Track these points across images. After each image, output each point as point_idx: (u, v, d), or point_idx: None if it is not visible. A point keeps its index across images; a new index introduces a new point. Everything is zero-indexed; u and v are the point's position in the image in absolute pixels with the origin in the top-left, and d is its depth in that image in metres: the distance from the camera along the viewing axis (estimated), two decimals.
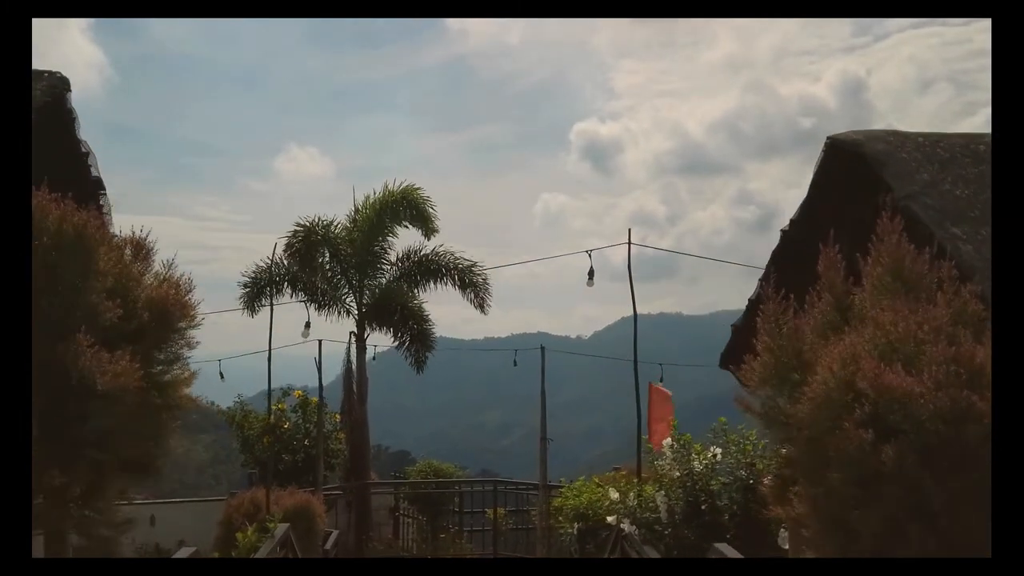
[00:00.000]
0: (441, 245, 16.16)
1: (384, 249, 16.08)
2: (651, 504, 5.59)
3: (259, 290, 15.51)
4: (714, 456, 5.52)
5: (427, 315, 15.77)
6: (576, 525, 8.87)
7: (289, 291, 15.90)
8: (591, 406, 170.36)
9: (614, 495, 6.04)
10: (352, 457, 14.98)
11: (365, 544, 13.30)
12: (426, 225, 15.80)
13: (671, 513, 5.38)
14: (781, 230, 4.78)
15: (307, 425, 14.55)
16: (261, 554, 5.43)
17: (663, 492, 5.38)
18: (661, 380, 12.82)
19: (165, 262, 4.83)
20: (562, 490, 9.80)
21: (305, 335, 9.77)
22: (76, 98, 7.22)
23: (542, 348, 12.79)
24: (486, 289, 16.07)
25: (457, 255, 16.15)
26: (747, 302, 5.03)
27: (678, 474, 5.50)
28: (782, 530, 4.66)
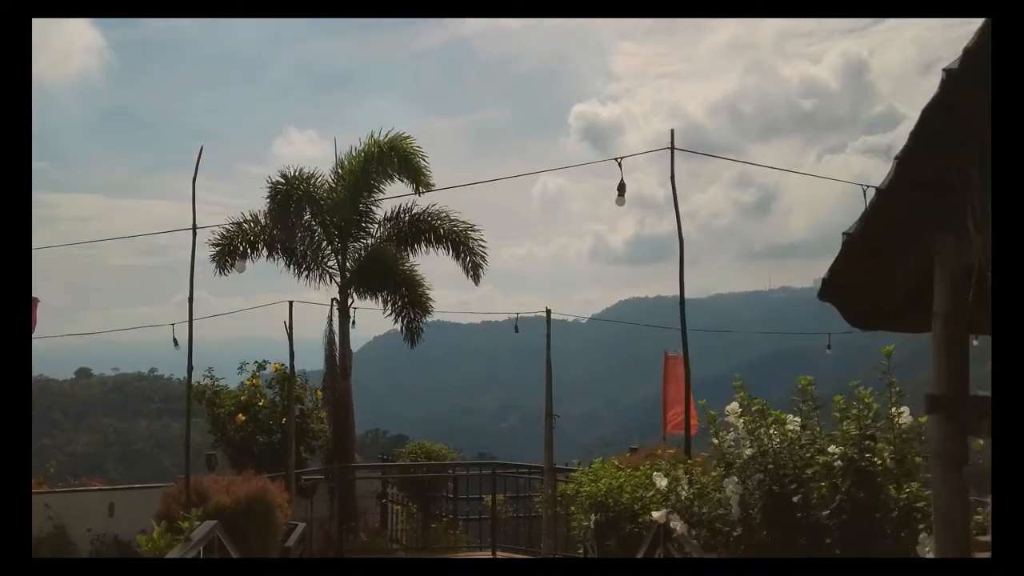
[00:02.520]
0: (434, 204, 14.55)
1: (370, 208, 14.44)
2: (714, 495, 4.03)
3: (231, 249, 13.89)
4: (793, 430, 3.95)
5: (420, 279, 14.12)
6: (593, 517, 7.32)
7: (266, 253, 14.27)
8: (589, 390, 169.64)
9: (661, 482, 4.45)
10: (335, 438, 13.41)
11: (346, 535, 11.73)
12: (417, 178, 14.14)
13: (745, 508, 3.82)
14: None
15: (285, 402, 12.95)
16: (175, 557, 3.89)
17: (734, 478, 3.80)
18: (676, 352, 11.23)
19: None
20: (574, 474, 8.23)
21: (241, 269, 8.14)
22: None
23: (547, 311, 11.22)
24: (482, 257, 14.46)
25: (453, 216, 14.53)
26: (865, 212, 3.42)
27: (749, 452, 3.93)
28: (923, 535, 3.12)
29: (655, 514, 4.39)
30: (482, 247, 14.46)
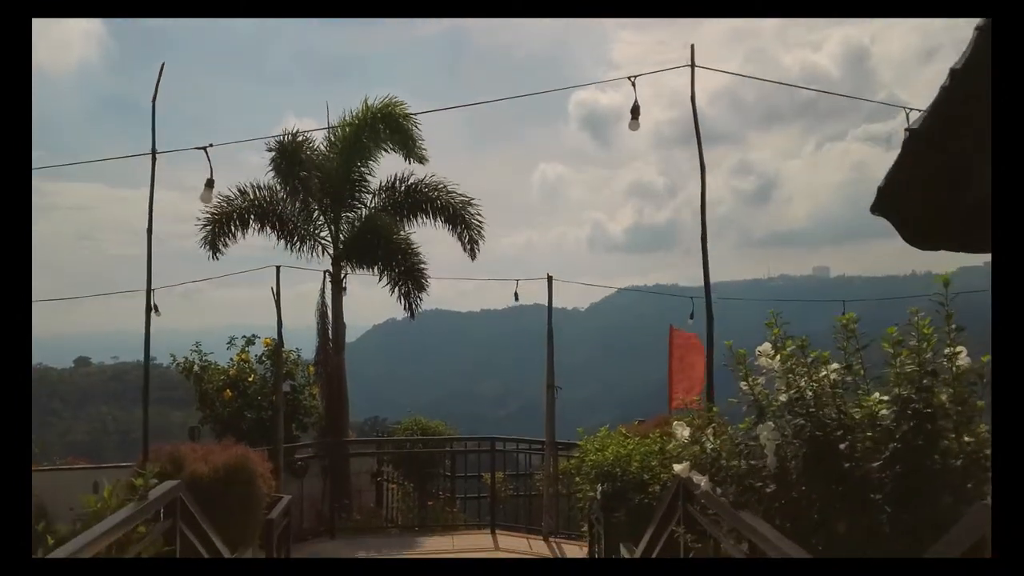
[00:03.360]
0: (432, 175, 14.01)
1: (363, 176, 13.91)
2: (744, 446, 3.48)
3: (221, 228, 13.37)
4: (836, 368, 3.37)
5: (416, 249, 13.58)
6: (600, 487, 6.82)
7: (257, 227, 13.73)
8: (587, 377, 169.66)
9: (683, 432, 3.88)
10: (328, 414, 12.91)
11: (338, 514, 11.24)
12: (410, 145, 13.61)
13: (781, 459, 3.28)
14: None
15: (279, 381, 12.42)
16: (120, 517, 3.35)
17: (770, 423, 3.24)
18: (692, 318, 10.73)
19: None
20: (580, 443, 7.72)
21: (206, 198, 7.56)
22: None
23: (549, 278, 10.70)
24: (479, 231, 13.93)
25: (451, 188, 13.99)
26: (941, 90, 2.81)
27: (785, 398, 3.39)
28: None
29: (677, 467, 3.84)
30: (479, 220, 13.94)
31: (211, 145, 6.91)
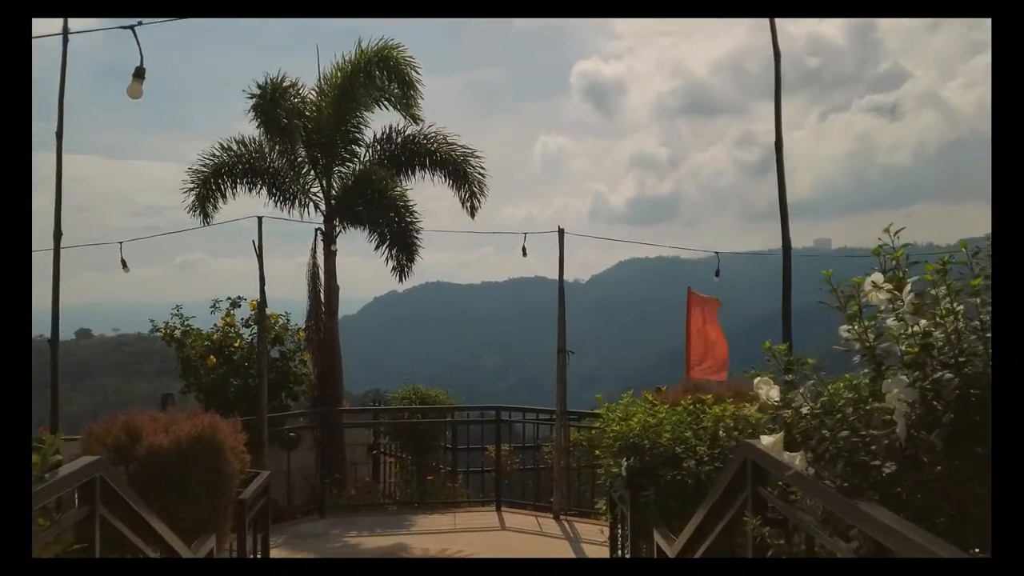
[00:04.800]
0: (431, 125, 12.97)
1: (358, 127, 12.86)
2: (854, 410, 2.49)
3: (208, 190, 12.38)
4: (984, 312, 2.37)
5: (412, 206, 12.58)
6: (625, 462, 5.90)
7: (247, 186, 12.73)
8: (587, 349, 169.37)
9: (771, 392, 2.85)
10: (320, 383, 12.00)
11: (330, 489, 10.37)
12: (410, 97, 12.55)
13: (912, 430, 2.31)
14: None
15: (266, 344, 11.49)
16: None
17: (902, 377, 2.28)
18: (717, 275, 9.78)
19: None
20: (600, 411, 6.81)
21: (135, 92, 6.59)
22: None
23: (560, 231, 9.72)
24: (482, 187, 12.90)
25: (451, 139, 12.96)
26: None
27: (918, 342, 2.39)
28: None
29: (766, 439, 2.85)
30: (482, 174, 12.91)
31: (140, 23, 5.90)
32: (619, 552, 6.64)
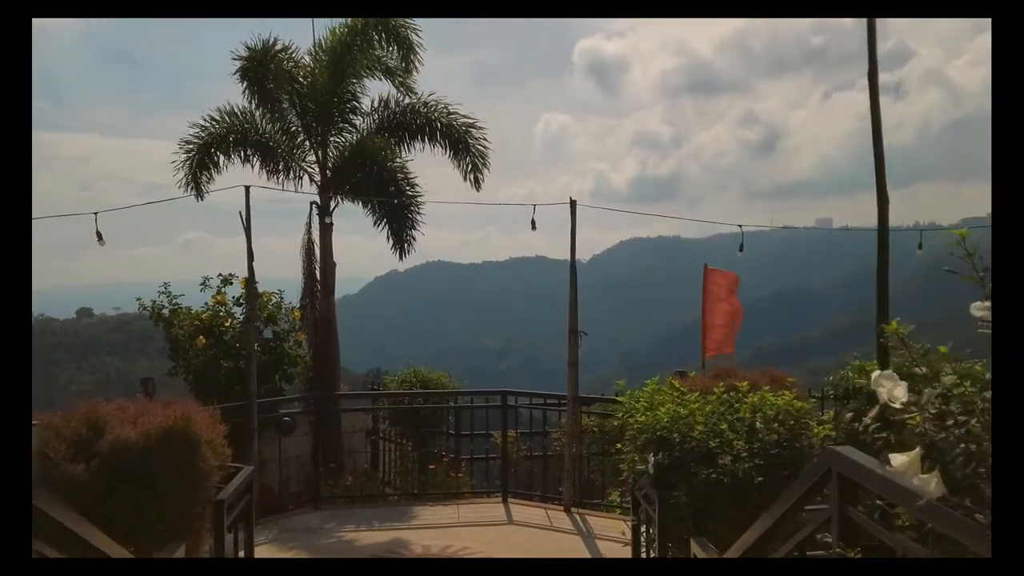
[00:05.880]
0: (432, 94, 12.26)
1: (355, 94, 12.12)
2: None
3: (200, 164, 11.66)
4: None
5: (413, 179, 11.89)
6: (652, 458, 5.25)
7: (240, 156, 12.02)
8: (590, 330, 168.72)
9: (900, 392, 2.18)
10: (316, 364, 11.37)
11: (325, 479, 9.75)
12: (408, 58, 11.83)
13: None
14: None
15: (255, 323, 10.83)
16: None
17: None
18: (741, 250, 9.10)
19: None
20: (621, 399, 6.15)
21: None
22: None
23: (572, 202, 9.02)
24: (484, 159, 12.19)
25: (452, 109, 12.23)
26: None
27: None
28: None
29: (898, 459, 2.13)
30: (484, 146, 12.20)
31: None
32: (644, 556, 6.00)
